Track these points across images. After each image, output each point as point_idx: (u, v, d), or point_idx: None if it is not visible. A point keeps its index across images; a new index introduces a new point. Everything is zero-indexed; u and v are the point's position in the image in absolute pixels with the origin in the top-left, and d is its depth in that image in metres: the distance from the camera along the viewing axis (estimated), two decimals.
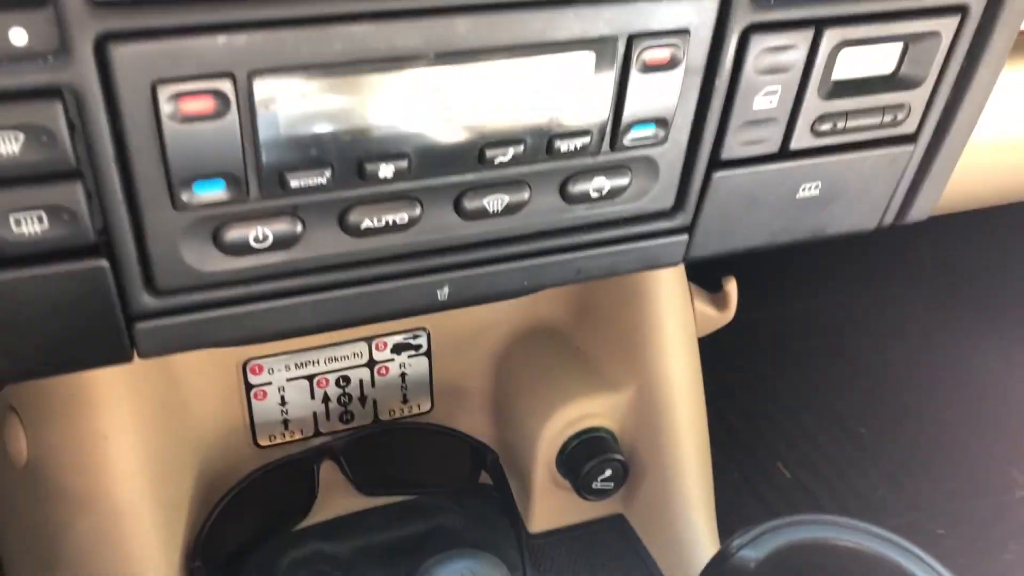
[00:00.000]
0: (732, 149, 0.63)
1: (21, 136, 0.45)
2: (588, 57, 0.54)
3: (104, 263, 0.51)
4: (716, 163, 0.63)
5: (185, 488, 0.85)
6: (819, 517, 0.72)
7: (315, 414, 0.94)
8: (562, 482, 0.93)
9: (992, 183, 0.88)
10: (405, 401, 0.98)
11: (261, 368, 0.90)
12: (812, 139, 0.65)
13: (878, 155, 0.68)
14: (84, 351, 0.56)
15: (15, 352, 0.53)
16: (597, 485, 0.89)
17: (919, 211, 0.75)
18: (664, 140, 0.60)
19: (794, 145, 0.64)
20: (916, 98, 0.66)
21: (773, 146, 0.64)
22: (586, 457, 0.88)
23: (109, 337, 0.55)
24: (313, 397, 0.93)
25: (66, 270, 0.51)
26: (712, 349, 1.02)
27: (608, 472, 0.89)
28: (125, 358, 0.57)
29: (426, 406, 0.99)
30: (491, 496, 0.96)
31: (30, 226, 0.48)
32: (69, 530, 0.77)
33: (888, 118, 0.66)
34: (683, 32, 0.55)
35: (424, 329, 0.95)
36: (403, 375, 0.96)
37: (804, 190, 0.68)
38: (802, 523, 0.71)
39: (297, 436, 0.95)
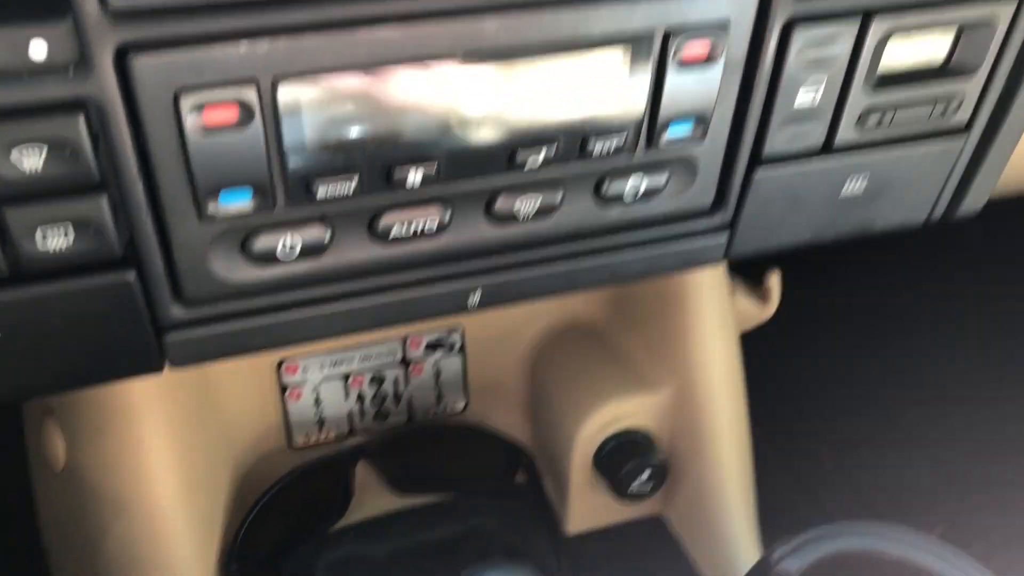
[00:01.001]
0: (774, 145, 0.61)
1: (44, 150, 0.44)
2: (623, 54, 0.52)
3: (132, 276, 0.51)
4: (757, 160, 0.61)
5: (221, 490, 0.84)
6: (866, 525, 0.69)
7: (350, 414, 0.94)
8: (599, 483, 0.92)
9: None
10: (440, 400, 0.97)
11: (296, 368, 0.89)
12: (858, 133, 0.62)
13: (928, 148, 0.65)
14: (115, 363, 0.55)
15: (48, 366, 0.53)
16: (635, 487, 0.87)
17: (971, 204, 0.72)
18: (703, 138, 0.58)
19: (839, 140, 0.62)
20: (969, 88, 0.63)
21: (817, 141, 0.62)
22: (623, 459, 0.86)
23: (140, 349, 0.54)
24: (347, 397, 0.93)
25: (94, 284, 0.50)
26: (753, 333, 0.99)
27: (646, 474, 0.87)
28: (156, 369, 0.56)
29: (461, 405, 0.98)
30: (527, 497, 0.94)
31: (57, 240, 0.47)
32: (107, 533, 0.77)
33: (939, 109, 0.63)
34: (722, 25, 0.53)
35: (458, 327, 0.94)
36: (437, 374, 0.95)
37: (849, 185, 0.66)
38: (848, 532, 0.69)
39: (332, 436, 0.94)
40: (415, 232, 0.55)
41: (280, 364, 0.89)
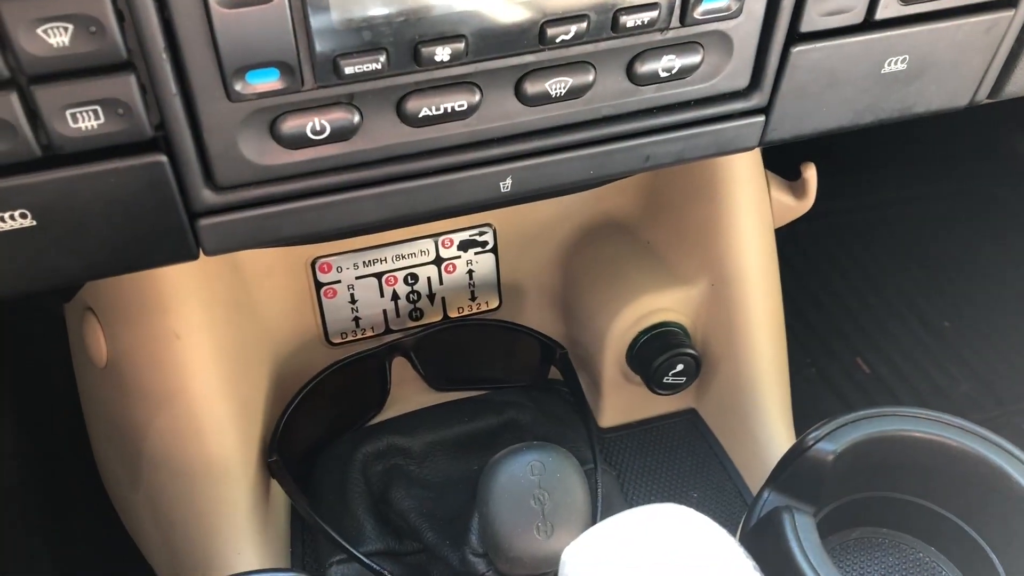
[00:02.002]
0: (812, 21, 0.59)
1: (70, 27, 0.44)
2: None
3: (163, 158, 0.51)
4: (795, 37, 0.59)
5: (260, 385, 0.86)
6: (899, 409, 0.69)
7: (385, 312, 0.95)
8: (633, 377, 0.92)
9: None
10: (473, 298, 0.97)
11: (330, 266, 0.90)
12: (900, 7, 0.60)
13: (973, 23, 0.63)
14: (151, 249, 0.56)
15: (85, 251, 0.54)
16: (668, 380, 0.88)
17: (1017, 85, 0.70)
18: (738, 12, 0.56)
19: (880, 14, 0.60)
20: None
21: (857, 16, 0.60)
22: (656, 352, 0.87)
23: (174, 234, 0.55)
24: (382, 295, 0.93)
25: (126, 166, 0.50)
26: (789, 240, 0.98)
27: (680, 366, 0.87)
28: (191, 256, 0.57)
29: (494, 303, 0.98)
30: (561, 392, 0.95)
31: (86, 121, 0.47)
32: (149, 427, 0.79)
33: None
34: None
35: (490, 225, 0.94)
36: (470, 272, 0.95)
37: (890, 64, 0.64)
38: (882, 415, 0.69)
39: (369, 334, 0.95)
40: (444, 112, 0.54)
41: (314, 263, 0.89)
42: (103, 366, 0.81)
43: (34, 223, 0.50)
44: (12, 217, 0.50)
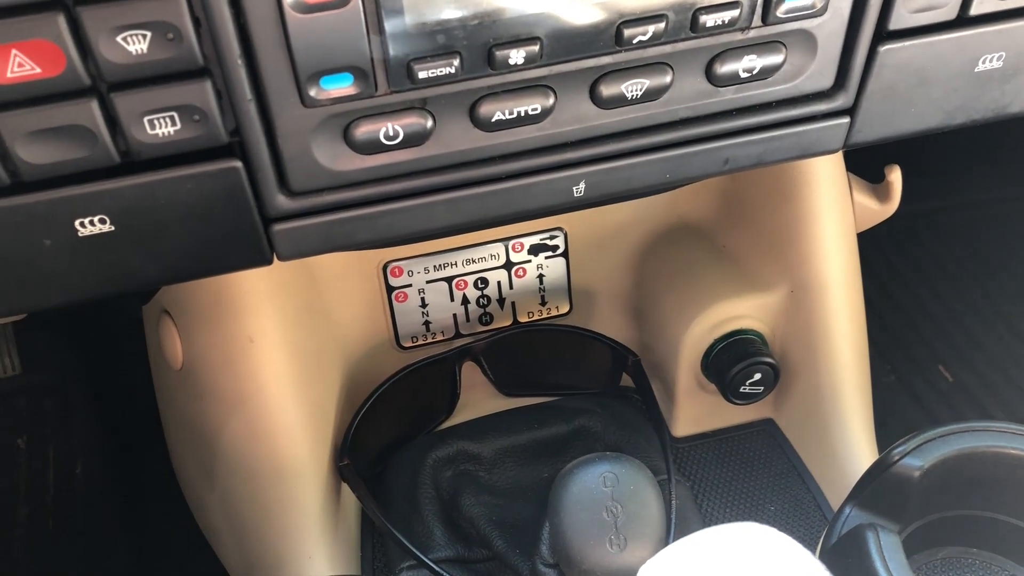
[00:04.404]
0: (901, 17, 0.56)
1: (148, 34, 0.44)
2: None
3: (238, 164, 0.51)
4: (882, 35, 0.57)
5: (332, 389, 0.86)
6: (991, 424, 0.66)
7: (455, 316, 0.94)
8: (708, 385, 0.90)
9: None
10: (544, 303, 0.96)
11: (401, 270, 0.90)
12: (997, 1, 0.57)
13: None
14: (226, 254, 0.56)
15: (161, 255, 0.54)
16: (745, 389, 0.85)
17: None
18: (823, 10, 0.54)
19: (975, 10, 0.57)
20: None
21: (950, 12, 0.57)
22: (733, 360, 0.84)
23: (248, 239, 0.55)
24: (453, 299, 0.93)
25: (202, 171, 0.51)
26: (869, 242, 0.95)
27: (757, 376, 0.85)
28: (265, 261, 0.57)
29: (564, 308, 0.97)
30: (633, 399, 0.94)
31: (164, 128, 0.48)
32: (224, 428, 0.80)
33: None
34: None
35: (561, 229, 0.93)
36: (540, 277, 0.94)
37: (985, 62, 0.61)
38: (972, 430, 0.66)
39: (439, 338, 0.95)
40: (518, 116, 0.53)
41: (385, 267, 0.89)
42: (179, 368, 0.82)
43: (112, 228, 0.51)
44: (92, 223, 0.50)
